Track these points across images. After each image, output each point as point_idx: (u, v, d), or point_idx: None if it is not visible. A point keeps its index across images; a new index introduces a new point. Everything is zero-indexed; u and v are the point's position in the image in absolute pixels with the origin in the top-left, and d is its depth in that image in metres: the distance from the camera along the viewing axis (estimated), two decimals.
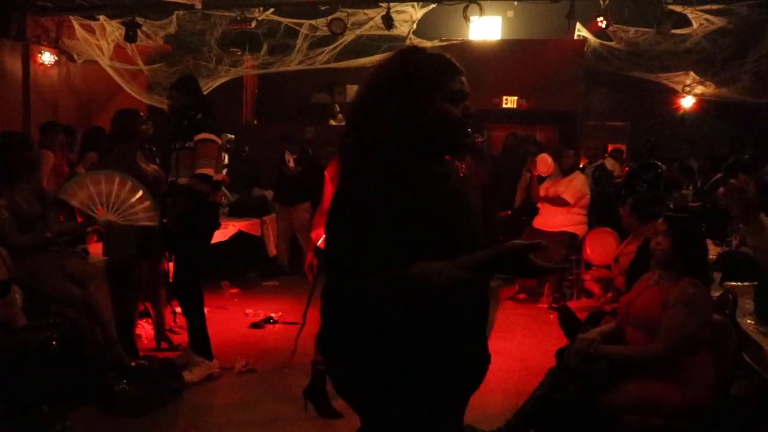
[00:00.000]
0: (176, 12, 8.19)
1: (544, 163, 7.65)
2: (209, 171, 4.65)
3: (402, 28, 8.85)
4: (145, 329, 5.77)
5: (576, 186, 7.25)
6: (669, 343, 3.08)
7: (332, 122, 11.12)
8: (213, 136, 4.71)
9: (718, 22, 8.10)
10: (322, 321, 1.93)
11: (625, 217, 5.44)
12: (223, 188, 6.62)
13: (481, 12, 7.57)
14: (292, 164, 8.31)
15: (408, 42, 9.24)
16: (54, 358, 3.82)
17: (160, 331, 5.51)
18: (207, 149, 4.66)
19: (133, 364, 4.40)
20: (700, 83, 10.35)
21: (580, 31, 9.49)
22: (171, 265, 5.40)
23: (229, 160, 8.84)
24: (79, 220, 5.15)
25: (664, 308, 3.14)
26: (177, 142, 4.77)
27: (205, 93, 9.37)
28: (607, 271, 5.36)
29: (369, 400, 1.88)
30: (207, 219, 4.89)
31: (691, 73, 10.14)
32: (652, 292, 3.32)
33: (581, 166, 8.48)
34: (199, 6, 7.71)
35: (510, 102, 10.57)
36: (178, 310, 5.67)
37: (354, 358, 1.84)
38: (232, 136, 8.86)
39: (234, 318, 6.54)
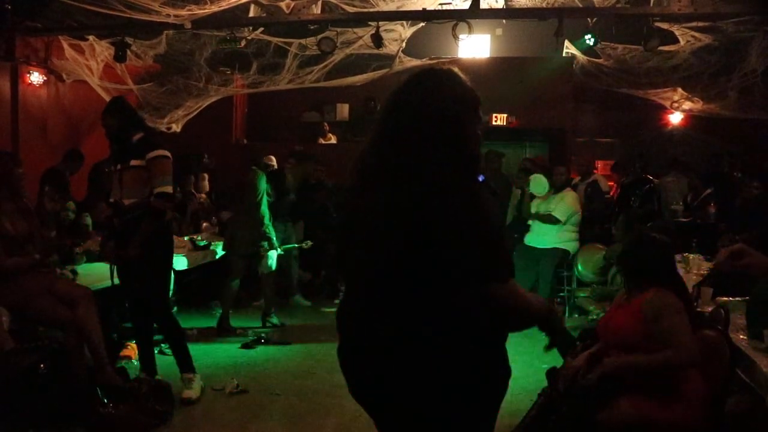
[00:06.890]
0: (166, 32, 8.18)
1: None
2: (169, 189, 4.56)
3: (391, 47, 8.88)
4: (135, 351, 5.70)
5: (567, 203, 7.26)
6: (687, 345, 3.01)
7: (322, 141, 11.12)
8: (166, 153, 4.60)
9: (705, 39, 8.16)
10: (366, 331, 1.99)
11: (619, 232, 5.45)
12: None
13: (470, 30, 7.59)
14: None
15: (398, 61, 9.28)
16: (42, 381, 3.77)
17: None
18: (163, 166, 4.54)
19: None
20: (688, 99, 10.41)
21: (569, 48, 9.54)
22: None
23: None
24: (69, 242, 5.11)
25: (643, 322, 3.10)
26: (118, 163, 4.62)
27: (194, 112, 9.55)
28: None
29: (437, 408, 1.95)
30: (167, 238, 4.78)
31: (679, 90, 10.19)
32: (624, 311, 3.30)
33: (573, 182, 8.51)
34: (188, 26, 7.70)
35: (500, 119, 10.60)
36: None
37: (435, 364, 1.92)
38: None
39: (224, 339, 6.49)
